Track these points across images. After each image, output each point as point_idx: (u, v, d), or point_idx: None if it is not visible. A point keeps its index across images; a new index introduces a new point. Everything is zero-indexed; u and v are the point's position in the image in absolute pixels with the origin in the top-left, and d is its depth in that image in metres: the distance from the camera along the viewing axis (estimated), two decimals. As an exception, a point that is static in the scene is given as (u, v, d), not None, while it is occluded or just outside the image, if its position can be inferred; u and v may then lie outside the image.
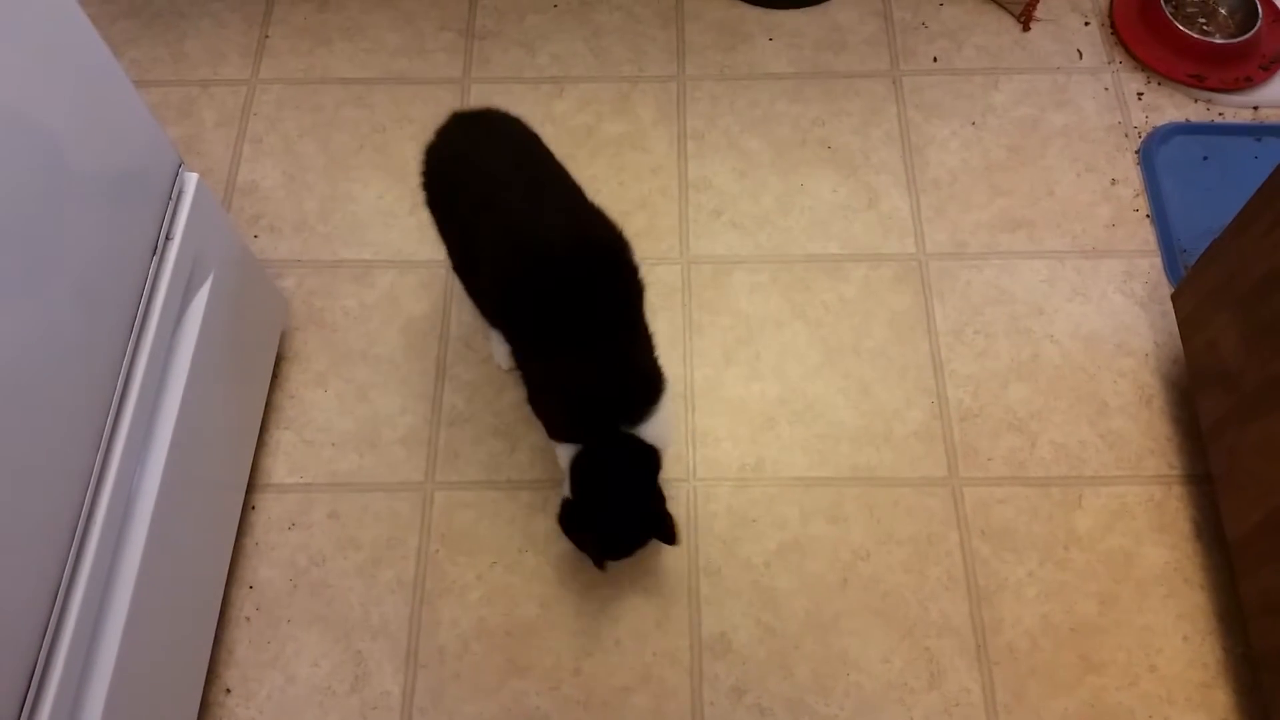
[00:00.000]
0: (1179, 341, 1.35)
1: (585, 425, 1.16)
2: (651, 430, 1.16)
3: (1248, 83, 1.66)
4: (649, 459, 1.17)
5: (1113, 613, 1.28)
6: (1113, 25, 1.74)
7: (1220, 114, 1.65)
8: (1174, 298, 1.36)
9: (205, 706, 1.22)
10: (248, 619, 1.28)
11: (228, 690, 1.24)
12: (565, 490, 1.20)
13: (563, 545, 1.32)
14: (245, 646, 1.27)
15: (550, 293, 1.11)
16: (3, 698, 0.85)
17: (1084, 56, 1.72)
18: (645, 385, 1.17)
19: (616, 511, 1.17)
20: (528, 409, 1.25)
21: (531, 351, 1.19)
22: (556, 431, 1.20)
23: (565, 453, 1.18)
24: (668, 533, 1.18)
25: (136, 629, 1.00)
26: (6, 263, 0.84)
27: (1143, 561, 1.31)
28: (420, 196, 1.26)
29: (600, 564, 1.22)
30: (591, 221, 1.16)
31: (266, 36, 1.74)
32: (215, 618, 1.23)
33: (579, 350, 1.13)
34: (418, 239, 1.53)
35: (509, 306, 1.18)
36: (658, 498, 1.20)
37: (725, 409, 1.42)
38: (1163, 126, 1.62)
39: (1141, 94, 1.67)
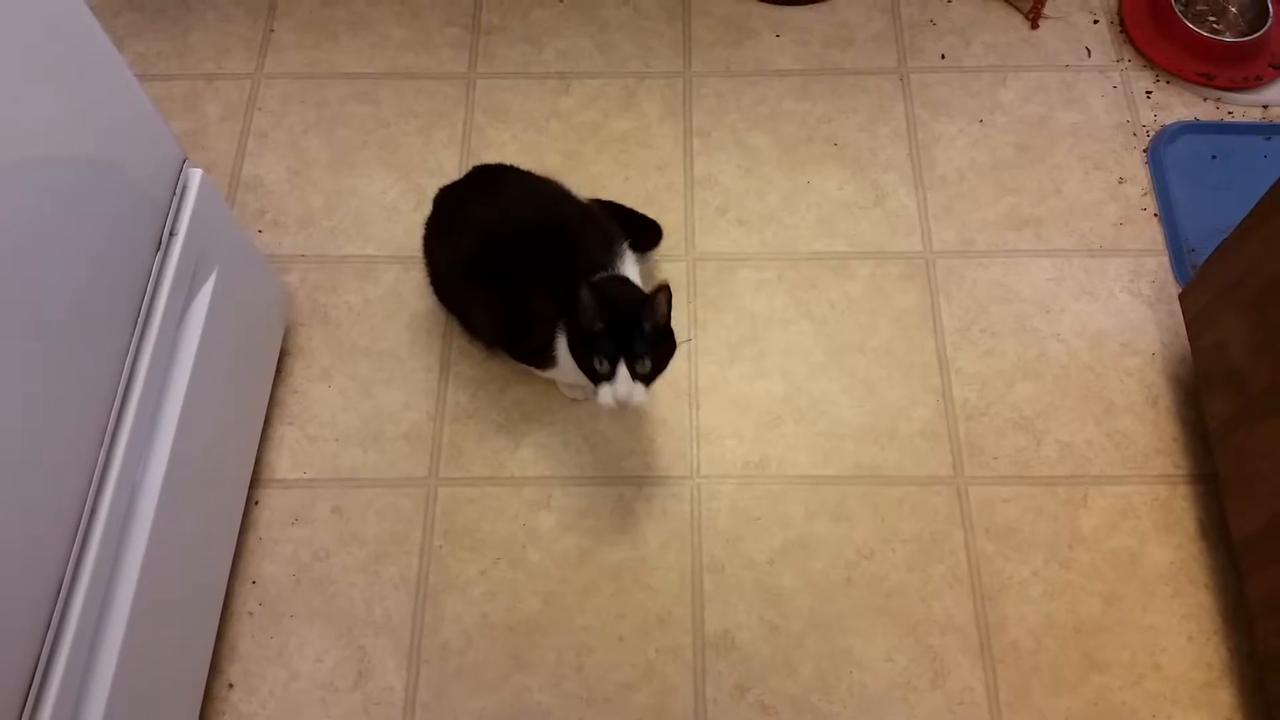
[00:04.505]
0: (1186, 341, 1.34)
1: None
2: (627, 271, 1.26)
3: (1258, 81, 1.65)
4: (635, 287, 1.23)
5: (1117, 612, 1.28)
6: (1122, 23, 1.73)
7: (1230, 113, 1.64)
8: (1182, 297, 1.35)
9: (208, 701, 1.22)
10: (250, 614, 1.28)
11: (230, 685, 1.24)
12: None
13: (566, 542, 1.32)
14: (248, 641, 1.27)
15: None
16: (7, 690, 0.85)
17: (1093, 54, 1.71)
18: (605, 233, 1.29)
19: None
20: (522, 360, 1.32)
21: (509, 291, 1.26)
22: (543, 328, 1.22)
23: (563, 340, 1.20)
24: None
25: (139, 624, 1.00)
26: (9, 259, 0.83)
27: (1148, 561, 1.30)
28: (426, 194, 1.27)
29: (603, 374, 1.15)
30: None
31: (271, 30, 1.74)
32: (218, 613, 1.23)
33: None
34: (421, 235, 1.53)
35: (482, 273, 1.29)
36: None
37: (730, 406, 1.41)
38: (1171, 125, 1.61)
39: (1150, 92, 1.66)
